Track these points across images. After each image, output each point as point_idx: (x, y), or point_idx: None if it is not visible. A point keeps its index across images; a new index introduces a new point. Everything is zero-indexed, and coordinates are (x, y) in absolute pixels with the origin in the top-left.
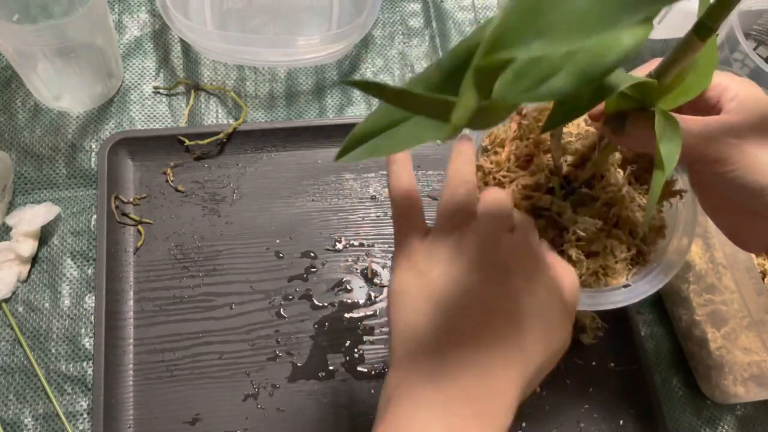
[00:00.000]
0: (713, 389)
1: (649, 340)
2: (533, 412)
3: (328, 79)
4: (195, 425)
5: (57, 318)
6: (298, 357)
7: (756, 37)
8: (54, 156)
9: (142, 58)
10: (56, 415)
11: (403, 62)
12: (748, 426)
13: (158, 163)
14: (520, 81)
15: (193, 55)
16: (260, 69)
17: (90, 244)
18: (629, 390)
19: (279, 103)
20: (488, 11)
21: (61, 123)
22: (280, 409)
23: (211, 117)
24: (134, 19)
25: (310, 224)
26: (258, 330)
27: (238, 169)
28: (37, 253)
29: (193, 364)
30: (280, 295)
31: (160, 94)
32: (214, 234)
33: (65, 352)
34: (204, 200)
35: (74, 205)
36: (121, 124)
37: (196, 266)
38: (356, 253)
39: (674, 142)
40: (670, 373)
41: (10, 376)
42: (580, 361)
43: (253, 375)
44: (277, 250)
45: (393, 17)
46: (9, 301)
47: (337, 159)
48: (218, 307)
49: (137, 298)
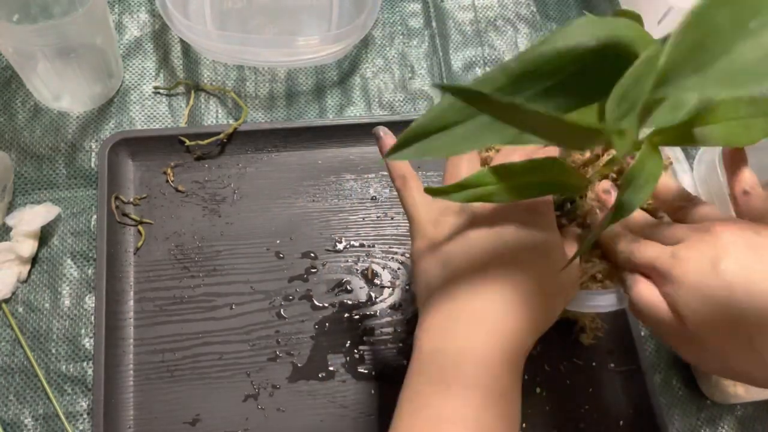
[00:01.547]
0: (713, 389)
1: (649, 340)
2: (533, 412)
3: (328, 79)
4: (195, 425)
5: (57, 318)
6: (299, 357)
7: None
8: (54, 156)
9: (142, 59)
10: (56, 416)
11: (403, 62)
12: (748, 426)
13: (158, 163)
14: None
15: (193, 55)
16: (260, 69)
17: (90, 245)
18: (629, 390)
19: (279, 103)
20: (488, 11)
21: (61, 123)
22: (280, 410)
23: (211, 117)
24: (134, 19)
25: (311, 225)
26: (258, 330)
27: (238, 170)
28: (37, 253)
29: (193, 365)
30: (281, 296)
31: (160, 94)
32: (215, 234)
33: (65, 352)
34: (204, 200)
35: (74, 205)
36: (121, 124)
37: (197, 266)
38: (357, 254)
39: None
40: (670, 373)
41: (10, 377)
42: (580, 362)
43: (254, 375)
44: (278, 251)
45: (393, 17)
46: (9, 301)
47: (387, 156)
48: (218, 308)
49: (137, 299)
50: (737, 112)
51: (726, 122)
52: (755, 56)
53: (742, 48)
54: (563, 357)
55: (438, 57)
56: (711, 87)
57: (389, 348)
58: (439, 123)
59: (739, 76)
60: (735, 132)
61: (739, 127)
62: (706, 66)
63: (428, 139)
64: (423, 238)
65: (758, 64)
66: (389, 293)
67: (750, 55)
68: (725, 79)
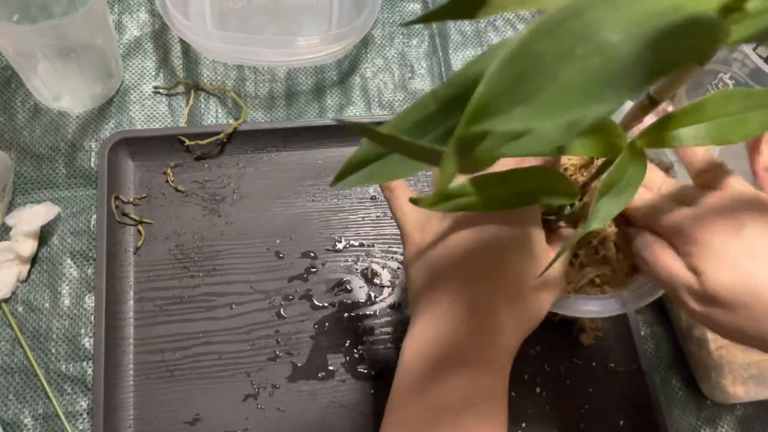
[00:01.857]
0: (713, 389)
1: (649, 340)
2: (533, 412)
3: (328, 79)
4: (195, 425)
5: (57, 318)
6: (298, 357)
7: None
8: (54, 156)
9: (142, 58)
10: (56, 415)
11: (403, 62)
12: (748, 426)
13: (158, 163)
14: (501, 138)
15: (193, 55)
16: (260, 69)
17: (90, 244)
18: (629, 390)
19: (279, 103)
20: None
21: (61, 123)
22: (280, 409)
23: (211, 117)
24: (134, 19)
25: (311, 224)
26: (258, 330)
27: (238, 169)
28: (36, 253)
29: (193, 364)
30: (281, 296)
31: (160, 94)
32: (215, 234)
33: (65, 352)
34: (204, 200)
35: (74, 205)
36: (121, 124)
37: (197, 266)
38: (356, 254)
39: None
40: (670, 373)
41: (10, 376)
42: (579, 362)
43: (254, 375)
44: (278, 251)
45: (393, 17)
46: (9, 301)
47: (333, 185)
48: (218, 307)
49: (137, 298)
50: (728, 108)
51: (716, 120)
52: (582, 81)
53: (569, 74)
54: (563, 357)
55: (438, 57)
56: (537, 117)
57: (389, 347)
58: (379, 149)
59: (566, 102)
60: (727, 129)
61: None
62: (531, 97)
63: (371, 166)
64: (411, 245)
65: (585, 88)
66: (389, 293)
67: (577, 81)
68: (552, 107)
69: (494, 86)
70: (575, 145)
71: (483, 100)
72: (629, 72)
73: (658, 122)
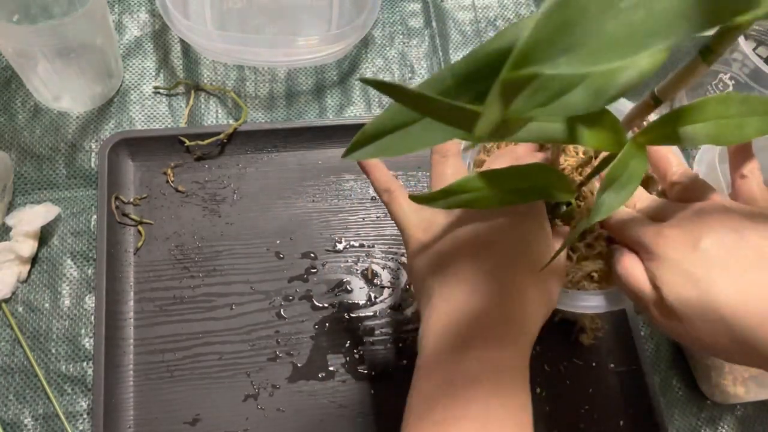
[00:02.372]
0: (713, 389)
1: (649, 340)
2: (533, 412)
3: (328, 79)
4: (195, 425)
5: (57, 318)
6: (298, 357)
7: (756, 38)
8: (54, 156)
9: (142, 59)
10: (56, 416)
11: (403, 62)
12: (748, 426)
13: (158, 163)
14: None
15: (193, 55)
16: (260, 69)
17: (90, 245)
18: (629, 390)
19: (279, 103)
20: (488, 11)
21: (61, 123)
22: (280, 410)
23: (211, 117)
24: (134, 20)
25: (311, 225)
26: (258, 330)
27: (238, 170)
28: (37, 253)
29: (193, 365)
30: (281, 296)
31: (160, 94)
32: (215, 234)
33: (65, 352)
34: (204, 201)
35: (74, 205)
36: (121, 125)
37: (197, 267)
38: (356, 254)
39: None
40: (670, 373)
41: (10, 377)
42: (579, 362)
43: (254, 375)
44: (278, 251)
45: (393, 17)
46: (9, 301)
47: (345, 156)
48: (218, 308)
49: (137, 299)
50: (727, 110)
51: (715, 121)
52: (625, 33)
53: (612, 27)
54: (563, 357)
55: (438, 57)
56: (581, 64)
57: (389, 348)
58: (394, 122)
59: (608, 52)
60: (725, 131)
61: (730, 126)
62: (575, 46)
63: (385, 139)
64: (415, 244)
65: (627, 39)
66: (389, 293)
67: (621, 33)
68: (595, 56)
69: (539, 33)
70: (584, 135)
71: (528, 46)
72: (673, 26)
73: (660, 120)
